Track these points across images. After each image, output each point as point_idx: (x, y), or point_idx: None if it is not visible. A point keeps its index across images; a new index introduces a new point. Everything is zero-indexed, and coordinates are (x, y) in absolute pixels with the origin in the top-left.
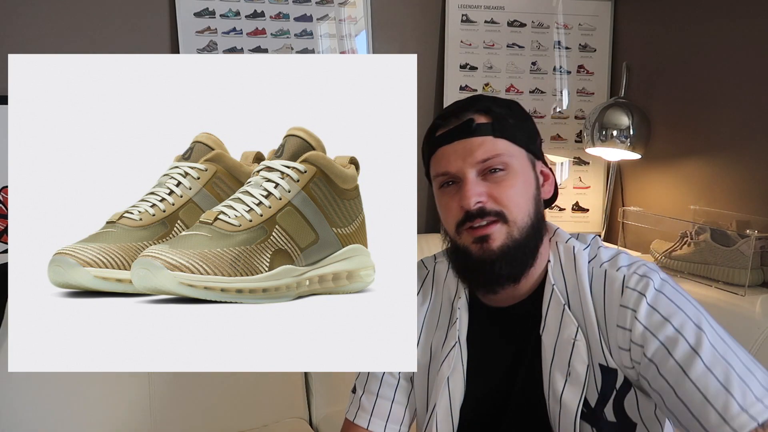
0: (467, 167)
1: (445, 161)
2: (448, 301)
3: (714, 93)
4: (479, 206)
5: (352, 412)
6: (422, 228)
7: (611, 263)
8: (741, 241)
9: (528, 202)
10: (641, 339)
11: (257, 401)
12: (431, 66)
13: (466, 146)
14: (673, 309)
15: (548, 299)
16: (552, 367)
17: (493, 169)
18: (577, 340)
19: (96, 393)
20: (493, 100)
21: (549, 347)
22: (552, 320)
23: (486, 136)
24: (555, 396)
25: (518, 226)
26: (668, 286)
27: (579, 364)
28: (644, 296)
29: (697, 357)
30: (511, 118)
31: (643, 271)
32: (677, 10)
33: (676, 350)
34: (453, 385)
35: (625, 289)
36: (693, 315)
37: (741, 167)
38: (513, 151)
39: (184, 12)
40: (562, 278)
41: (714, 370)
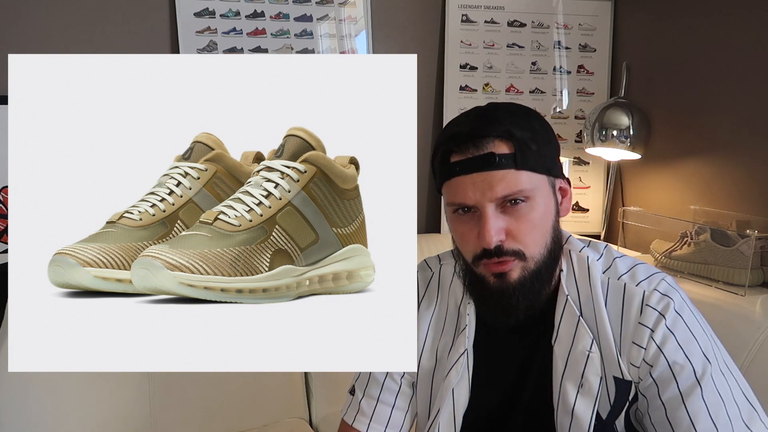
0: (486, 201)
1: (462, 193)
2: (454, 305)
3: (714, 93)
4: (498, 245)
5: (350, 415)
6: (422, 228)
7: (630, 276)
8: (741, 241)
9: (545, 234)
10: (652, 359)
11: (257, 401)
12: (431, 66)
13: (486, 179)
14: (689, 336)
15: (561, 310)
16: (564, 378)
17: (514, 201)
18: (591, 352)
19: (96, 393)
20: (513, 120)
21: (561, 358)
22: (565, 331)
23: (508, 169)
24: (566, 408)
25: (535, 261)
26: (686, 308)
27: (593, 375)
28: (664, 318)
29: (698, 388)
30: (533, 143)
31: (664, 289)
32: (677, 10)
33: (680, 377)
34: (458, 394)
35: (645, 307)
36: (704, 344)
37: (741, 167)
38: (535, 182)
39: (184, 12)
40: (575, 288)
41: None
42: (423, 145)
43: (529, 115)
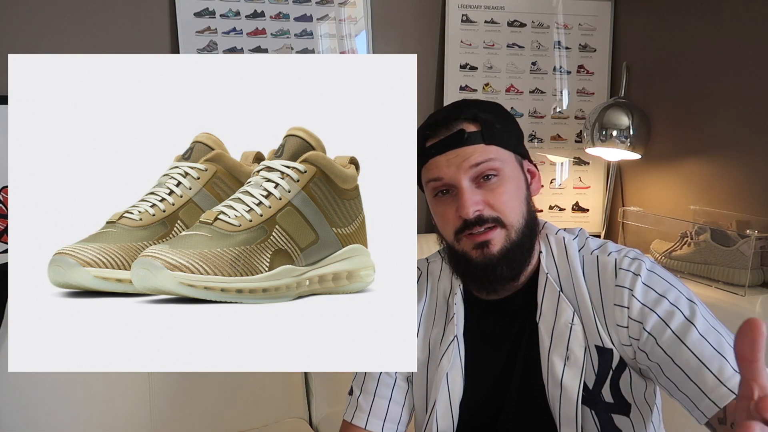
0: (461, 175)
1: (437, 169)
2: (443, 297)
3: (714, 93)
4: (477, 214)
5: (349, 413)
6: (422, 228)
7: (601, 250)
8: (741, 241)
9: (521, 204)
10: (639, 315)
11: (257, 401)
12: (431, 66)
13: (459, 154)
14: (667, 286)
15: (543, 288)
16: (550, 352)
17: (486, 176)
18: (574, 324)
19: (96, 393)
20: (478, 106)
21: (546, 333)
22: (548, 307)
23: (477, 144)
24: (555, 380)
25: (515, 229)
26: (658, 267)
27: (577, 346)
28: (638, 276)
29: (692, 326)
30: (497, 123)
31: (634, 255)
32: (677, 10)
33: (672, 322)
34: (452, 380)
35: (619, 270)
36: (685, 291)
37: (741, 167)
38: (503, 156)
39: (184, 12)
40: (554, 267)
41: (708, 337)
42: None
43: (493, 104)
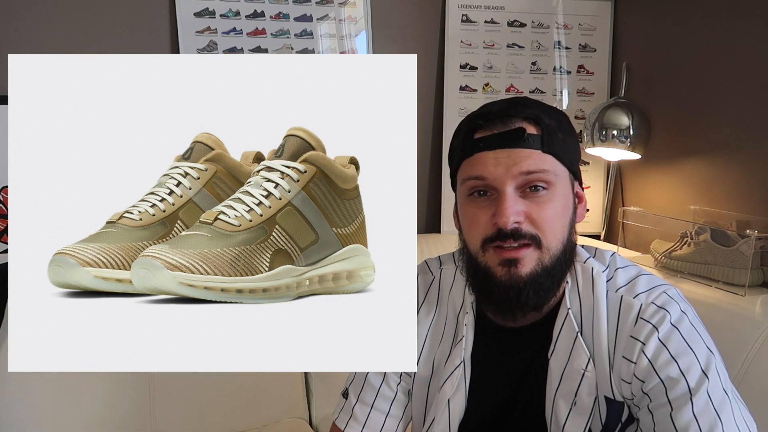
0: (508, 179)
1: (482, 167)
2: (453, 313)
3: (714, 93)
4: (515, 226)
5: (342, 420)
6: (422, 228)
7: (628, 288)
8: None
9: (564, 227)
10: (643, 374)
11: (257, 401)
12: (431, 66)
13: (511, 156)
14: (684, 348)
15: (561, 324)
16: (557, 394)
17: (534, 187)
18: (587, 372)
19: (96, 393)
20: (543, 108)
21: (556, 373)
22: (562, 346)
23: (534, 149)
24: (557, 424)
25: (551, 254)
26: (686, 320)
27: (586, 395)
28: (657, 330)
29: (689, 402)
30: (560, 132)
31: (662, 302)
32: (677, 10)
33: (672, 390)
34: (453, 405)
35: (639, 320)
36: (703, 358)
37: (741, 167)
38: (558, 170)
39: (184, 12)
40: (578, 302)
41: (701, 420)
42: (423, 145)
43: (558, 111)
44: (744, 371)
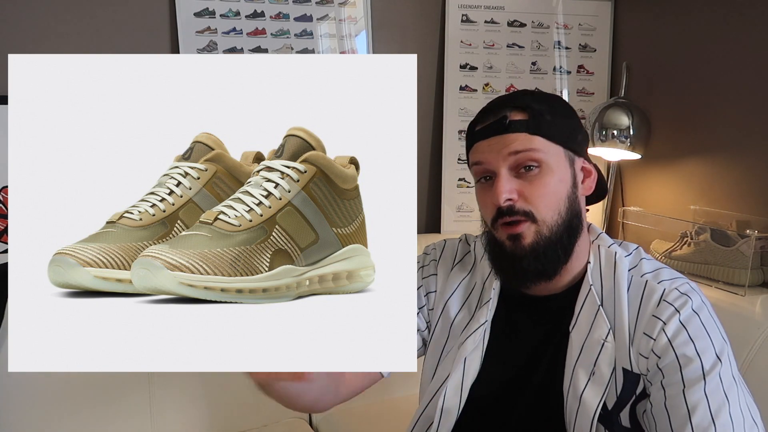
0: (500, 161)
1: (480, 153)
2: (481, 279)
3: (714, 93)
4: (509, 204)
5: None
6: (422, 228)
7: (654, 275)
8: (741, 241)
9: (559, 201)
10: (661, 350)
11: (257, 401)
12: (431, 66)
13: (500, 141)
14: (702, 333)
15: (584, 297)
16: (577, 364)
17: (527, 167)
18: (607, 342)
19: (96, 393)
20: (534, 96)
21: (577, 344)
22: (584, 318)
23: (520, 132)
24: (575, 393)
25: (547, 225)
26: (705, 310)
27: (605, 365)
28: (678, 312)
29: (702, 381)
30: (549, 114)
31: (685, 289)
32: (677, 10)
33: (687, 368)
34: (469, 364)
35: (662, 302)
36: (718, 344)
37: (741, 167)
38: (548, 149)
39: (184, 12)
40: (599, 280)
41: (711, 399)
42: (423, 145)
43: (553, 96)
44: (744, 371)
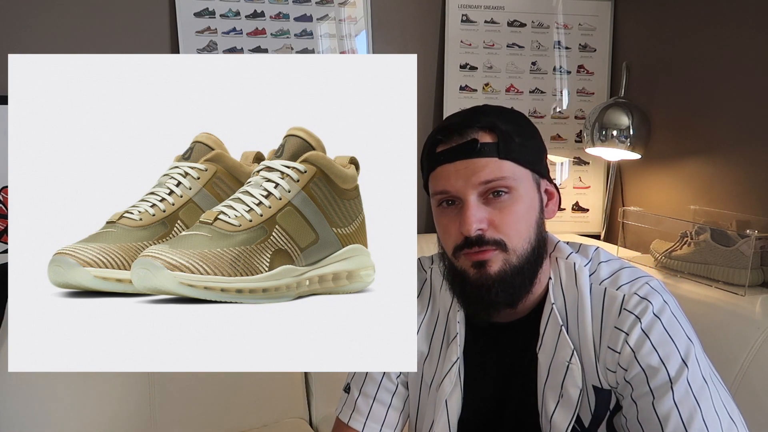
0: (469, 189)
1: (445, 180)
2: (444, 311)
3: (714, 93)
4: (479, 233)
5: (346, 414)
6: (422, 228)
7: (611, 281)
8: (741, 241)
9: (529, 228)
10: (626, 363)
11: (257, 401)
12: (431, 66)
13: (469, 167)
14: (665, 339)
15: (546, 318)
16: (546, 386)
17: (496, 192)
18: (571, 364)
19: (96, 393)
20: (499, 114)
21: (544, 366)
22: (549, 340)
23: (491, 157)
24: (546, 415)
25: (517, 254)
26: (667, 310)
27: (572, 387)
28: (639, 321)
29: (669, 390)
30: (517, 136)
31: (645, 293)
32: (677, 10)
33: (654, 379)
34: (451, 404)
35: (623, 311)
36: (683, 347)
37: (741, 167)
38: (518, 174)
39: (184, 12)
40: (562, 297)
41: (681, 407)
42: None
43: (516, 114)
44: (744, 371)
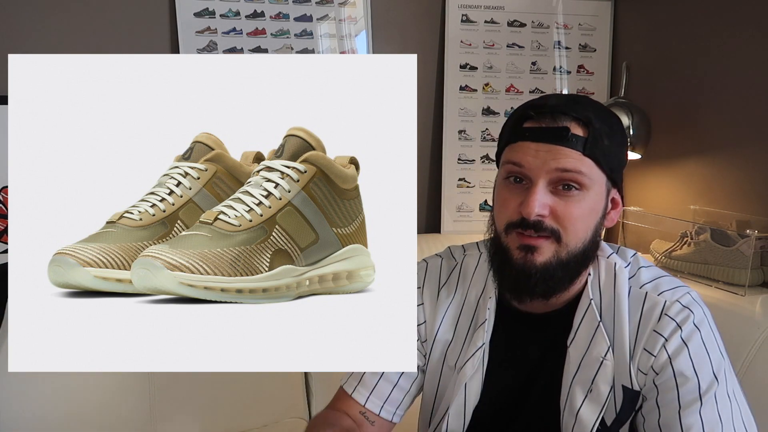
0: (543, 172)
1: (522, 155)
2: (474, 297)
3: (714, 93)
4: (538, 219)
5: (351, 385)
6: (422, 228)
7: (653, 286)
8: (741, 241)
9: (587, 229)
10: (660, 367)
11: (257, 401)
12: (431, 66)
13: (551, 151)
14: (701, 350)
15: (582, 313)
16: (574, 381)
17: (567, 185)
18: (606, 360)
19: (96, 393)
20: (597, 111)
21: (574, 360)
22: (583, 334)
23: (576, 150)
24: (571, 410)
25: (568, 250)
26: (706, 324)
27: (603, 383)
28: (680, 329)
29: (698, 403)
30: (607, 138)
31: (686, 302)
32: (677, 10)
33: (683, 388)
34: (470, 388)
35: (664, 316)
36: (716, 361)
37: (741, 167)
38: (595, 175)
39: (184, 12)
40: (599, 294)
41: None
42: (423, 145)
43: (614, 117)
44: (744, 371)
